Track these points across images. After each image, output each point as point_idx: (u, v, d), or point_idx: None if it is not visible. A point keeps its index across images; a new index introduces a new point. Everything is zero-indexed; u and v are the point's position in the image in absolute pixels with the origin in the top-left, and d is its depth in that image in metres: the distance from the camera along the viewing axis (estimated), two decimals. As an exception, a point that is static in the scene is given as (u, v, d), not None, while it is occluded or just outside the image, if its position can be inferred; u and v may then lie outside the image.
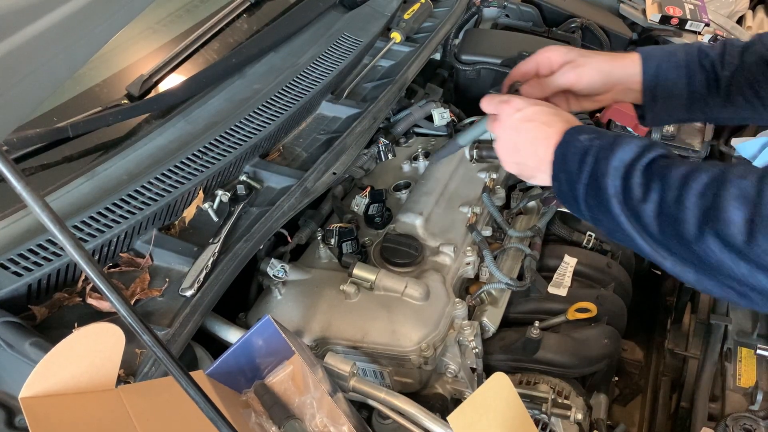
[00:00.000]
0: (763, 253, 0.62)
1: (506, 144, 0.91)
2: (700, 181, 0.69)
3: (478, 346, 1.13)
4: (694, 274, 0.71)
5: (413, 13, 1.54)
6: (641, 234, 0.74)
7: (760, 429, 1.06)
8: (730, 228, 0.64)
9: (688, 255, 0.70)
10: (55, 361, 0.63)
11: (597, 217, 0.80)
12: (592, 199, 0.78)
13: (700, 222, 0.67)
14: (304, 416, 0.83)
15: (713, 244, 0.66)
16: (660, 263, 0.75)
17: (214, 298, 0.92)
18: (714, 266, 0.67)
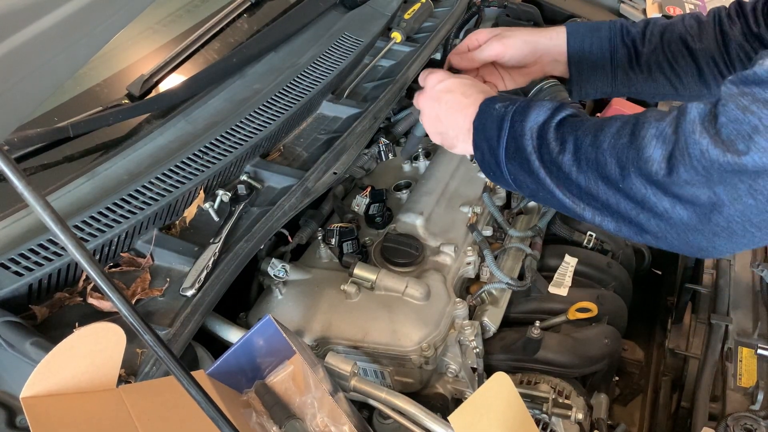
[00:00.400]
0: (685, 183, 0.64)
1: (429, 114, 0.96)
2: (613, 125, 0.73)
3: (479, 346, 1.13)
4: (614, 223, 0.74)
5: (414, 12, 1.54)
6: (562, 187, 0.76)
7: (760, 429, 1.06)
8: (651, 165, 0.66)
9: (614, 199, 0.71)
10: (56, 360, 0.63)
11: (519, 180, 0.82)
12: (513, 162, 0.81)
13: (620, 160, 0.69)
14: (304, 416, 0.83)
15: (637, 180, 0.68)
16: (580, 215, 0.77)
17: (214, 297, 0.92)
18: (639, 202, 0.69)
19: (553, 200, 0.79)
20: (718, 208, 0.64)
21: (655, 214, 0.69)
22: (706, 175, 0.63)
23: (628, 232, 0.74)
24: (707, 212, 0.65)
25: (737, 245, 0.68)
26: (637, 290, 1.49)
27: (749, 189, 0.62)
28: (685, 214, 0.67)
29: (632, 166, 0.69)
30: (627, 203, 0.71)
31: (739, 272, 1.39)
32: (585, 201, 0.75)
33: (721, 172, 0.62)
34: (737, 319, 1.28)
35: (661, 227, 0.70)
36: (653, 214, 0.69)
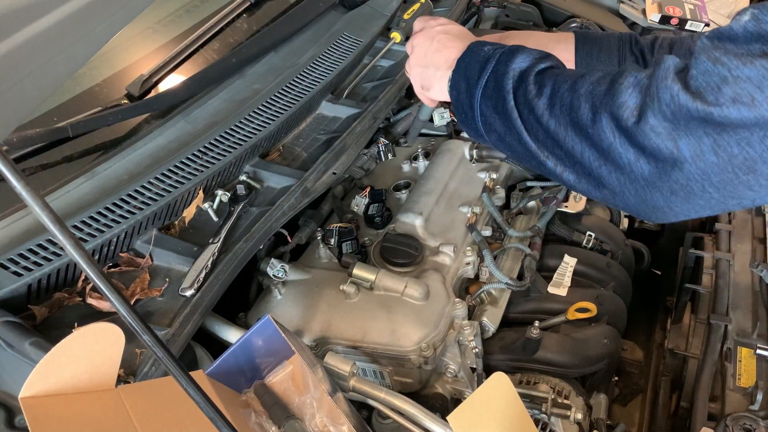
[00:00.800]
0: (651, 132, 0.64)
1: (419, 50, 0.95)
2: (594, 74, 0.73)
3: (478, 346, 1.13)
4: (574, 174, 0.74)
5: (413, 13, 1.54)
6: (531, 132, 0.76)
7: (760, 429, 1.06)
8: (623, 110, 0.66)
9: (580, 146, 0.71)
10: (55, 360, 0.63)
11: (489, 122, 0.81)
12: (488, 101, 0.80)
13: (594, 105, 0.69)
14: (304, 416, 0.83)
15: (607, 126, 0.68)
16: (542, 163, 0.76)
17: (214, 298, 0.92)
18: (604, 152, 0.69)
19: (518, 146, 0.78)
20: (679, 163, 0.64)
21: (617, 166, 0.68)
22: (673, 122, 0.63)
23: (586, 186, 0.74)
24: (668, 167, 0.65)
25: (693, 207, 0.68)
26: (636, 290, 1.49)
27: (713, 144, 0.61)
28: (646, 168, 0.66)
29: (605, 111, 0.68)
30: (592, 152, 0.70)
31: (738, 272, 1.39)
32: (549, 149, 0.75)
33: (688, 119, 0.62)
34: (736, 319, 1.28)
35: (620, 181, 0.69)
36: (616, 166, 0.68)
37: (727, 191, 0.64)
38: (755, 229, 1.49)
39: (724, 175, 0.62)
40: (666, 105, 0.63)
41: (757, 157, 0.59)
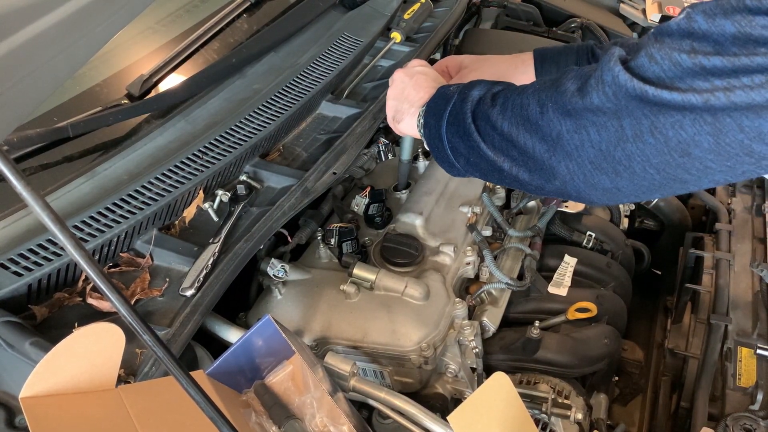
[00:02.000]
0: (597, 110, 0.69)
1: (397, 85, 1.04)
2: (542, 80, 0.81)
3: (478, 346, 1.13)
4: (528, 172, 0.79)
5: (413, 13, 1.54)
6: (488, 139, 0.82)
7: (760, 429, 1.06)
8: (565, 95, 0.72)
9: (531, 141, 0.77)
10: (55, 360, 0.63)
11: (455, 146, 0.89)
12: (452, 128, 0.88)
13: (540, 99, 0.75)
14: (304, 416, 0.83)
15: (554, 115, 0.73)
16: (500, 168, 0.83)
17: (214, 297, 0.92)
18: (553, 141, 0.74)
19: (480, 161, 0.85)
20: (622, 142, 0.68)
21: (566, 153, 0.73)
22: (615, 101, 0.67)
23: (539, 181, 0.79)
24: (611, 147, 0.69)
25: (639, 188, 0.72)
26: (636, 290, 1.49)
27: (651, 126, 0.66)
28: (591, 152, 0.71)
29: (550, 101, 0.74)
30: (542, 145, 0.75)
31: (738, 272, 1.39)
32: (505, 152, 0.81)
33: (628, 98, 0.66)
34: (736, 319, 1.28)
35: (570, 169, 0.74)
36: (565, 153, 0.73)
37: (668, 173, 0.68)
38: (755, 229, 1.49)
39: (662, 156, 0.67)
40: (608, 85, 0.68)
41: (690, 140, 0.64)
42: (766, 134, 0.61)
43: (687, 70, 0.62)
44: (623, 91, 0.67)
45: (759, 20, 0.59)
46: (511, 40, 1.81)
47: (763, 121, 0.60)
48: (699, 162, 0.66)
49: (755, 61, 0.59)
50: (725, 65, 0.60)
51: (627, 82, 0.66)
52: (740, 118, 0.61)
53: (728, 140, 0.62)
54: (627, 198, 0.76)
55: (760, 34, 0.59)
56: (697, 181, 0.69)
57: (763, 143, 0.62)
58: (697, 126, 0.63)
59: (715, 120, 0.62)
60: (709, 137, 0.63)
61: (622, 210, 1.56)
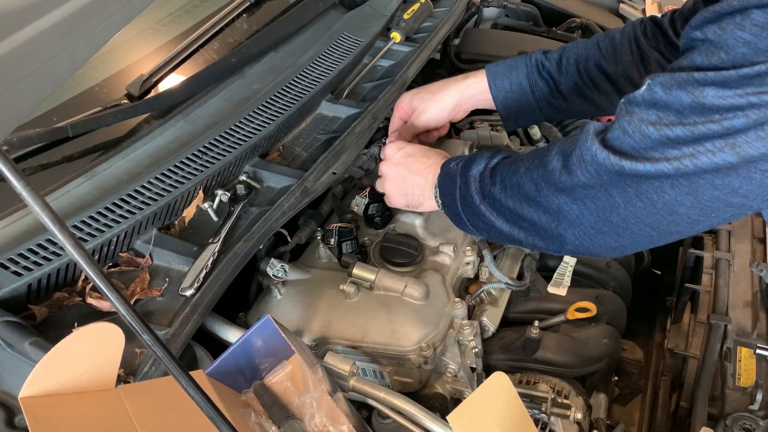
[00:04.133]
0: (586, 185, 0.75)
1: (395, 177, 1.10)
2: (529, 155, 0.87)
3: (478, 346, 1.13)
4: (542, 240, 0.86)
5: (413, 12, 1.54)
6: (500, 216, 0.89)
7: (759, 429, 1.06)
8: (554, 175, 0.78)
9: (536, 215, 0.83)
10: (55, 360, 0.63)
11: (474, 223, 0.95)
12: (467, 208, 0.95)
13: (533, 179, 0.82)
14: (303, 416, 0.83)
15: (549, 192, 0.79)
16: (516, 239, 0.90)
17: (213, 297, 0.92)
18: (555, 213, 0.80)
19: (498, 233, 0.92)
20: (615, 209, 0.74)
21: (570, 222, 0.79)
22: (598, 177, 0.73)
23: (555, 246, 0.85)
24: (607, 213, 0.75)
25: (641, 243, 0.78)
26: (636, 290, 1.49)
27: (636, 192, 0.71)
28: (591, 218, 0.77)
29: (542, 181, 0.80)
30: (547, 217, 0.81)
31: (738, 272, 1.39)
32: (517, 224, 0.87)
33: (610, 174, 0.72)
34: (736, 318, 1.28)
35: (577, 235, 0.80)
36: (569, 222, 0.79)
37: (662, 230, 0.74)
38: (755, 229, 1.49)
39: (653, 217, 0.72)
40: (589, 164, 0.74)
41: (673, 201, 0.69)
42: (737, 189, 0.66)
43: (656, 141, 0.68)
44: (603, 168, 0.72)
45: (708, 91, 0.64)
46: (511, 40, 1.81)
47: (732, 179, 0.65)
48: (686, 218, 0.71)
49: (711, 129, 0.64)
50: (687, 134, 0.65)
51: (605, 159, 0.72)
52: (711, 178, 0.66)
53: (706, 197, 0.68)
54: (634, 250, 0.82)
55: (711, 103, 0.64)
56: (691, 230, 0.75)
57: (738, 195, 0.67)
58: (677, 189, 0.68)
59: (690, 183, 0.67)
60: (689, 197, 0.68)
61: (622, 210, 1.56)
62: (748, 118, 0.62)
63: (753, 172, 0.64)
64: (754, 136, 0.62)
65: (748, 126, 0.62)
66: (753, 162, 0.63)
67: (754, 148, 0.62)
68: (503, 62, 1.21)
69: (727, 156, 0.63)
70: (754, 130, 0.62)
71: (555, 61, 1.17)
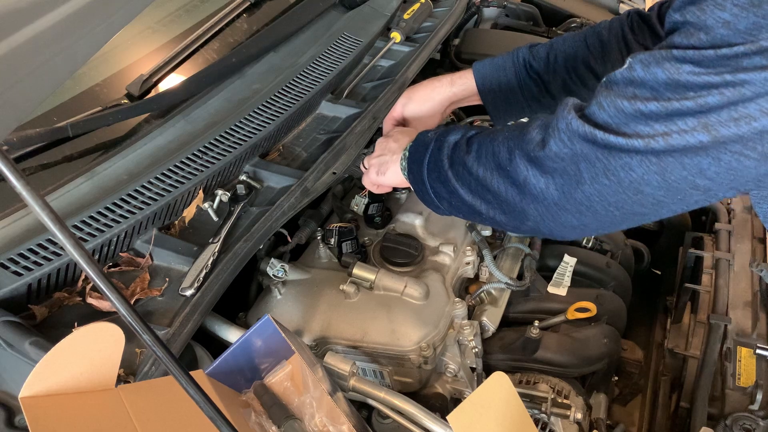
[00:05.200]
0: (555, 157, 0.75)
1: (379, 146, 1.11)
2: (511, 126, 0.87)
3: (478, 346, 1.13)
4: (503, 215, 0.85)
5: (413, 12, 1.54)
6: (465, 184, 0.88)
7: (759, 429, 1.06)
8: (530, 144, 0.78)
9: (503, 186, 0.82)
10: (55, 360, 0.63)
11: (437, 190, 0.94)
12: (432, 173, 0.94)
13: (509, 147, 0.82)
14: (303, 416, 0.83)
15: (520, 162, 0.79)
16: (477, 211, 0.88)
17: (213, 297, 0.92)
18: (521, 186, 0.80)
19: (460, 204, 0.90)
20: (580, 185, 0.74)
21: (533, 197, 0.79)
22: (570, 147, 0.73)
23: (515, 222, 0.85)
24: (572, 190, 0.75)
25: (603, 224, 0.78)
26: (636, 290, 1.49)
27: (604, 169, 0.71)
28: (555, 194, 0.77)
29: (517, 149, 0.80)
30: (513, 190, 0.81)
31: (738, 272, 1.39)
32: (481, 195, 0.86)
33: (581, 142, 0.72)
34: (736, 318, 1.28)
35: (539, 211, 0.80)
36: (532, 197, 0.79)
37: (626, 210, 0.74)
38: (755, 229, 1.49)
39: (618, 195, 0.72)
40: (563, 132, 0.74)
41: (640, 179, 0.69)
42: (705, 170, 0.66)
43: (629, 116, 0.68)
44: (576, 136, 0.73)
45: (685, 68, 0.64)
46: (511, 40, 1.81)
47: (701, 159, 0.65)
48: (651, 198, 0.71)
49: (685, 105, 0.64)
50: (660, 110, 0.66)
51: (579, 127, 0.72)
52: (681, 157, 0.66)
53: (674, 177, 0.68)
54: (595, 232, 0.83)
55: (687, 80, 0.64)
56: (655, 213, 0.74)
57: (705, 178, 0.67)
58: (644, 167, 0.68)
59: (659, 161, 0.67)
60: (656, 176, 0.68)
61: (622, 210, 1.56)
62: (722, 96, 0.62)
63: (723, 153, 0.64)
64: (728, 116, 0.62)
65: (722, 104, 0.62)
66: (724, 143, 0.63)
67: (727, 127, 0.62)
68: (491, 62, 1.21)
69: (700, 135, 0.64)
70: (728, 110, 0.62)
71: (542, 60, 1.17)
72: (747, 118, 0.61)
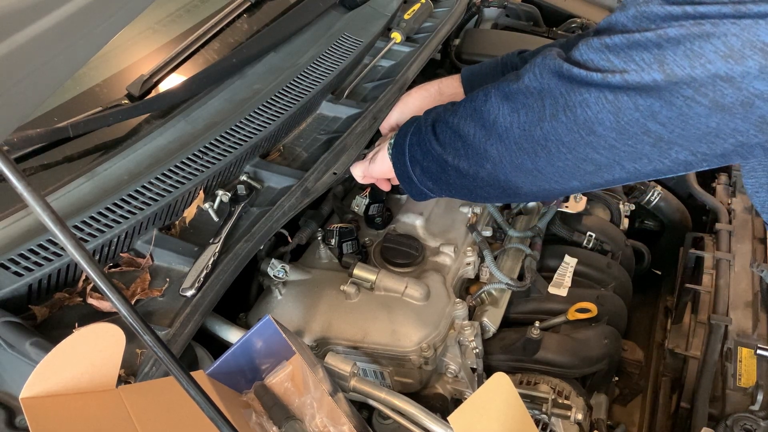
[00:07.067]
0: (526, 90, 0.77)
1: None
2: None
3: (479, 346, 1.13)
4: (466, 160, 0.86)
5: (413, 13, 1.54)
6: (440, 137, 0.89)
7: (760, 429, 1.06)
8: (507, 83, 0.80)
9: (473, 129, 0.83)
10: (55, 361, 0.63)
11: (413, 154, 0.95)
12: (414, 136, 0.95)
13: (487, 90, 0.83)
14: (304, 416, 0.83)
15: (494, 99, 0.81)
16: (445, 166, 0.89)
17: (214, 298, 0.91)
18: (491, 125, 0.81)
19: (431, 162, 0.91)
20: (541, 122, 0.75)
21: (498, 135, 0.80)
22: (540, 79, 0.75)
23: (473, 167, 0.85)
24: (532, 127, 0.76)
25: (555, 168, 0.78)
26: (636, 290, 1.49)
27: (564, 105, 0.72)
28: (517, 132, 0.78)
29: (494, 88, 0.82)
30: (481, 131, 0.82)
31: (738, 272, 1.39)
32: (451, 145, 0.87)
33: (550, 75, 0.74)
34: (737, 319, 1.28)
35: (499, 150, 0.81)
36: (497, 136, 0.80)
37: (578, 153, 0.74)
38: (755, 229, 1.49)
39: (572, 135, 0.73)
40: (537, 66, 0.76)
41: (594, 117, 0.70)
42: (657, 113, 0.66)
43: (594, 49, 0.70)
44: (547, 69, 0.75)
45: (654, 3, 0.66)
46: (511, 40, 1.81)
47: (653, 101, 0.66)
48: (603, 141, 0.71)
49: (645, 36, 0.65)
50: (622, 42, 0.67)
51: (551, 61, 0.74)
52: (635, 96, 0.66)
53: (626, 119, 0.68)
54: (548, 182, 0.80)
55: (651, 11, 0.65)
56: (608, 163, 0.74)
57: (657, 122, 0.67)
58: (600, 104, 0.69)
59: (615, 98, 0.68)
60: (610, 115, 0.69)
61: (622, 210, 1.56)
62: (682, 27, 0.63)
63: (675, 97, 0.64)
64: (683, 54, 0.63)
65: (680, 38, 0.63)
66: (677, 83, 0.64)
67: (680, 66, 0.63)
68: (478, 69, 1.22)
69: (655, 74, 0.64)
70: (684, 47, 0.63)
71: None
72: (701, 59, 0.62)
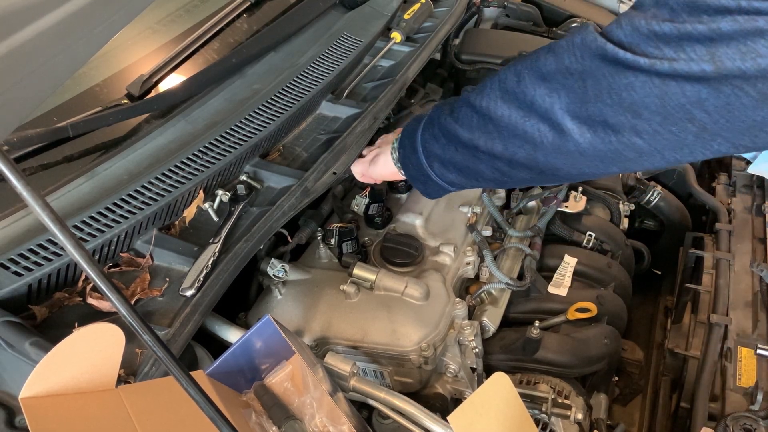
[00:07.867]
0: (566, 71, 0.75)
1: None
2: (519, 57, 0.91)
3: (479, 346, 1.13)
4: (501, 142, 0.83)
5: (413, 13, 1.54)
6: (465, 122, 0.87)
7: (760, 429, 1.06)
8: (540, 62, 0.78)
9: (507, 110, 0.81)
10: (55, 361, 0.63)
11: (429, 148, 0.93)
12: (428, 129, 0.93)
13: (517, 70, 0.81)
14: (303, 416, 0.83)
15: (529, 81, 0.78)
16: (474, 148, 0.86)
17: (214, 297, 0.91)
18: (528, 106, 0.78)
19: (454, 153, 0.89)
20: (584, 103, 0.73)
21: (539, 116, 0.77)
22: (581, 61, 0.73)
23: (513, 149, 0.82)
24: (576, 107, 0.74)
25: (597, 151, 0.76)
26: (636, 290, 1.49)
27: (608, 86, 0.70)
28: (559, 112, 0.76)
29: (526, 69, 0.79)
30: (518, 112, 0.80)
31: (738, 272, 1.39)
32: (482, 128, 0.85)
33: (592, 57, 0.72)
34: (736, 319, 1.28)
35: (541, 131, 0.78)
36: (538, 116, 0.78)
37: (622, 137, 0.72)
38: (755, 229, 1.49)
39: (617, 117, 0.71)
40: (577, 46, 0.74)
41: (640, 101, 0.69)
42: (703, 101, 0.65)
43: (642, 35, 0.68)
44: (588, 50, 0.72)
45: None
46: (511, 40, 1.81)
47: (701, 87, 0.65)
48: (648, 124, 0.70)
49: (697, 29, 0.63)
50: (673, 31, 0.65)
51: (593, 41, 0.72)
52: (683, 83, 0.65)
53: (672, 104, 0.67)
54: (588, 166, 0.78)
55: (704, 2, 0.63)
56: (649, 151, 0.73)
57: (702, 110, 0.66)
58: (646, 89, 0.68)
59: (662, 83, 0.67)
60: (656, 99, 0.67)
61: (622, 210, 1.56)
62: (735, 22, 0.62)
63: (724, 85, 0.64)
64: (735, 48, 0.62)
65: (733, 33, 0.62)
66: (726, 76, 0.63)
67: (731, 59, 0.62)
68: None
69: (705, 65, 0.64)
70: (736, 41, 0.62)
71: None
72: (752, 53, 0.61)
